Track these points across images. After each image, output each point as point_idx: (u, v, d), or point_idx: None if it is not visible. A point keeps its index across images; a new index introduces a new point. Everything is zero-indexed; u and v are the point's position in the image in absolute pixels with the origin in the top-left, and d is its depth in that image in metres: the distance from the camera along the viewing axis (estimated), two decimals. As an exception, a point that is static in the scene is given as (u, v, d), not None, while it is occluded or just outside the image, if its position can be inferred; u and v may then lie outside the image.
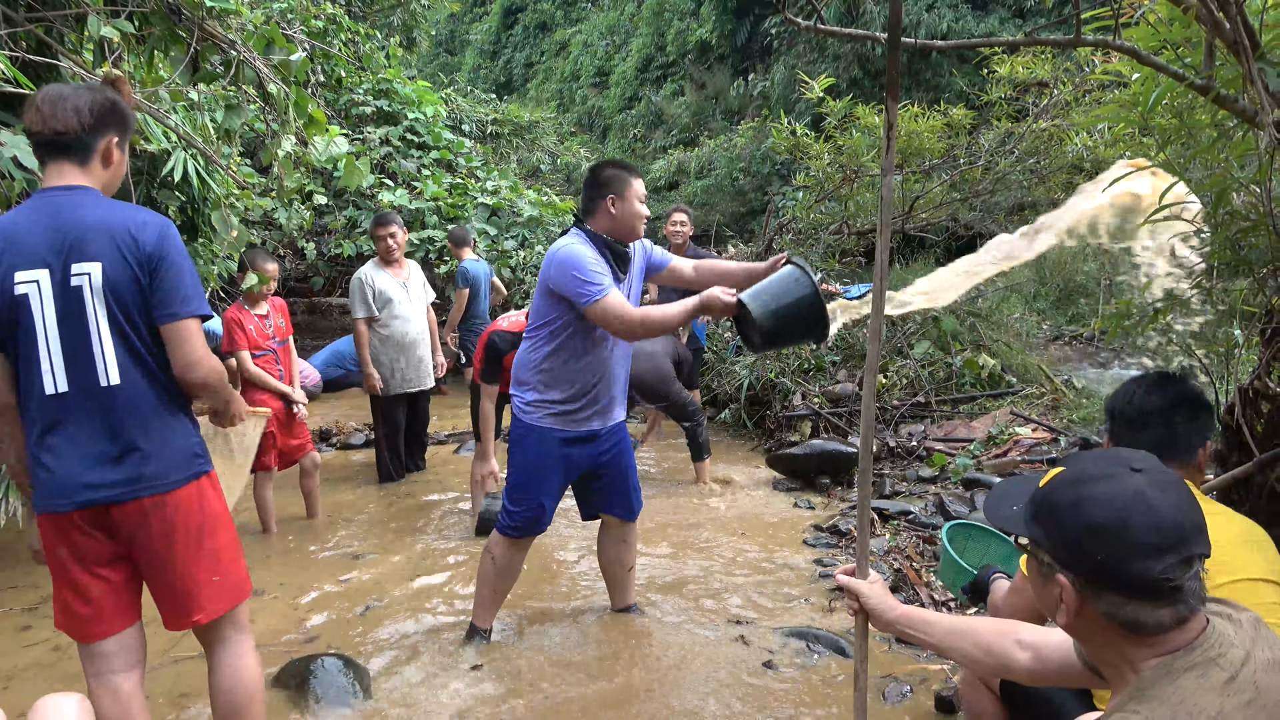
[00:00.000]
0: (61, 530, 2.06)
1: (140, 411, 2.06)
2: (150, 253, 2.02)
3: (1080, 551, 1.22)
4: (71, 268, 1.98)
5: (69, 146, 2.05)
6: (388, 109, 10.32)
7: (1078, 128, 6.24)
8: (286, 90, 3.73)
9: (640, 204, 3.03)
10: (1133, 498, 1.20)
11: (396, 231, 5.36)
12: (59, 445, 2.02)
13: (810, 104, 10.87)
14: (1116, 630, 1.22)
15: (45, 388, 2.00)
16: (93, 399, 2.02)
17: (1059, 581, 1.24)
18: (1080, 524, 1.22)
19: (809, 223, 7.81)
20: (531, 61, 27.55)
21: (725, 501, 5.14)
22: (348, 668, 3.01)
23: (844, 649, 3.22)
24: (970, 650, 1.63)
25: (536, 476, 3.11)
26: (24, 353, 2.00)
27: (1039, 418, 5.54)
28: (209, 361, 2.10)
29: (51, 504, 2.04)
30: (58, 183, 2.05)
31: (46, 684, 3.01)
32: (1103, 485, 1.23)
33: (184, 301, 2.05)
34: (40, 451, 2.04)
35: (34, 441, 2.05)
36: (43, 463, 2.03)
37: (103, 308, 2.00)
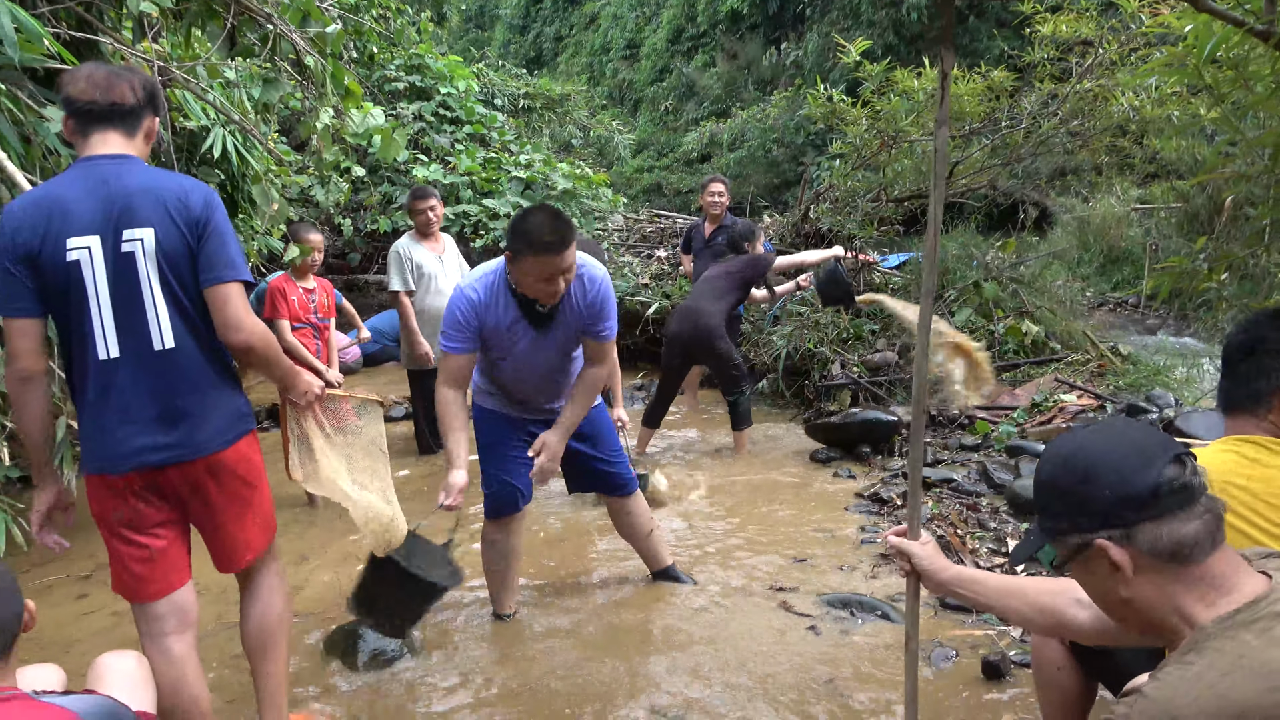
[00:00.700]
0: (116, 493, 2.10)
1: (192, 375, 2.09)
2: (198, 217, 2.06)
3: (1089, 502, 1.27)
4: (123, 234, 2.00)
5: (122, 117, 2.08)
6: (420, 84, 10.31)
7: (1123, 87, 6.07)
8: (323, 63, 3.73)
9: (535, 279, 2.71)
10: (1088, 440, 1.32)
11: (435, 205, 5.35)
12: (112, 409, 2.05)
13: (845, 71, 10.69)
14: (1169, 574, 1.23)
15: (98, 353, 2.03)
16: (146, 363, 2.05)
17: (1101, 549, 1.25)
18: (1072, 483, 1.29)
19: (846, 191, 7.70)
20: (561, 35, 27.38)
21: (764, 470, 5.12)
22: (394, 632, 3.05)
23: (888, 614, 3.20)
24: (1024, 610, 1.61)
25: (494, 455, 3.16)
26: (75, 319, 2.02)
27: (1084, 384, 5.45)
28: (251, 323, 2.11)
29: (106, 467, 2.07)
30: (103, 151, 2.07)
31: (105, 649, 3.09)
32: (1062, 449, 1.34)
33: (228, 265, 2.08)
34: (94, 416, 2.06)
35: (87, 406, 2.07)
36: (98, 426, 2.06)
37: (155, 273, 2.02)
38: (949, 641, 2.99)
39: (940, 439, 5.31)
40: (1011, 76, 6.61)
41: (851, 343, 6.59)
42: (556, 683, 2.81)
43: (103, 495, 2.11)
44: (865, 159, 7.32)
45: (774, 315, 7.24)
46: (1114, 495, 1.24)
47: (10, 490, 4.14)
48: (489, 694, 2.76)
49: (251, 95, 4.59)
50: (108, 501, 2.11)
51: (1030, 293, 6.72)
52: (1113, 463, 1.26)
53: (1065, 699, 2.06)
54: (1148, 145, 7.30)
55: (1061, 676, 2.06)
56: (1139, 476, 1.23)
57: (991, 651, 2.84)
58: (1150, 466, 1.23)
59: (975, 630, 3.08)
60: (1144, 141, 7.17)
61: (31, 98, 2.99)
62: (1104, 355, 5.94)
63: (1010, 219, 10.13)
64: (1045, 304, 6.69)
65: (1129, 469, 1.24)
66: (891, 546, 1.85)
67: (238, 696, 2.78)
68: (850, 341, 6.60)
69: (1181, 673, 1.16)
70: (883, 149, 6.99)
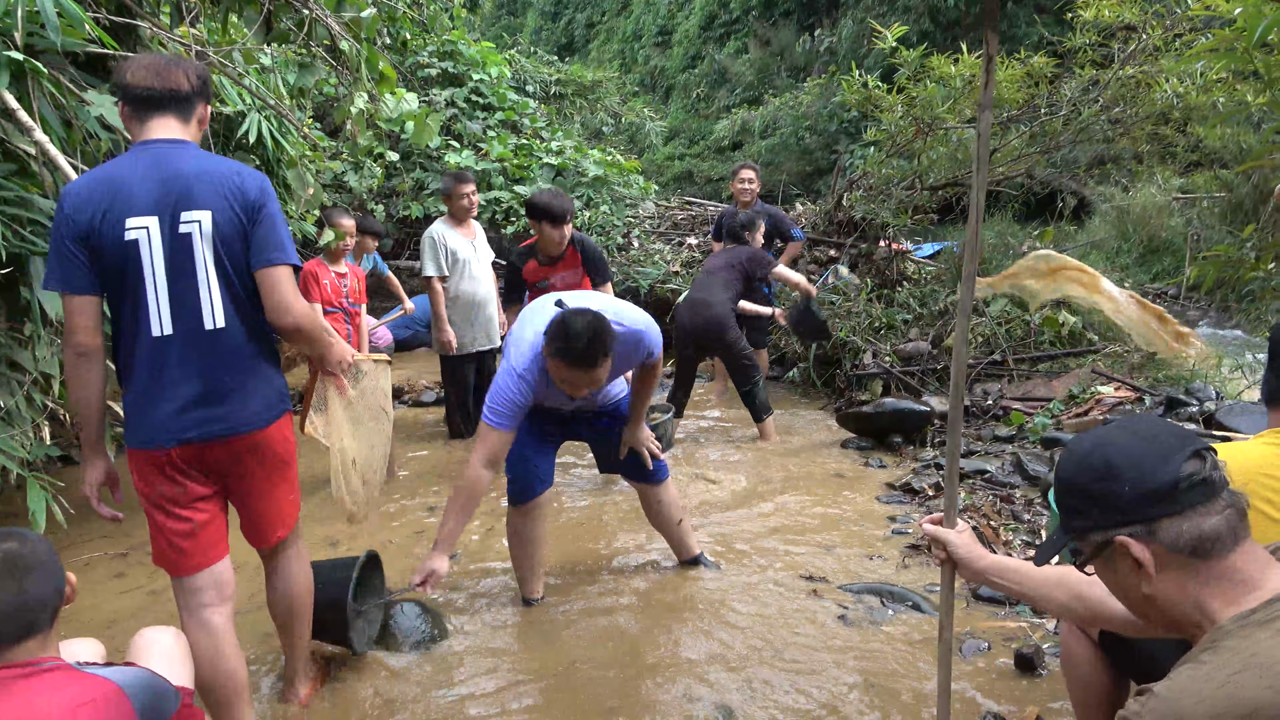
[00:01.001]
0: (159, 467, 2.14)
1: (240, 354, 2.15)
2: (253, 201, 2.13)
3: (1108, 499, 1.26)
4: (181, 215, 2.07)
5: (179, 103, 2.15)
6: (452, 71, 10.33)
7: (1168, 73, 5.94)
8: (358, 47, 3.74)
9: (564, 383, 2.77)
10: (1105, 438, 1.30)
11: (474, 190, 5.35)
12: (162, 385, 2.11)
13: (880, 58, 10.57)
14: (1191, 571, 1.21)
15: (151, 330, 2.08)
16: (197, 341, 2.11)
17: (1123, 546, 1.24)
18: (1090, 480, 1.28)
19: (880, 178, 7.61)
20: (593, 21, 27.33)
21: (794, 460, 5.10)
22: (425, 613, 3.08)
23: (919, 605, 3.18)
24: (1064, 600, 1.58)
25: (519, 438, 3.14)
26: (131, 297, 2.08)
27: (1123, 376, 5.35)
28: (299, 306, 2.18)
29: (152, 440, 2.12)
30: (160, 135, 2.13)
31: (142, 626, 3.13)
32: (1079, 448, 1.33)
33: (279, 249, 2.15)
34: (143, 391, 2.12)
35: (136, 382, 2.12)
36: (148, 401, 2.12)
37: (210, 254, 2.09)
38: (982, 633, 2.96)
39: (974, 430, 5.25)
40: (1051, 63, 6.49)
41: (884, 332, 6.53)
42: (584, 667, 2.82)
43: (147, 470, 2.16)
44: (900, 146, 7.23)
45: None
46: (1134, 491, 1.23)
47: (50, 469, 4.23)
48: (517, 678, 2.77)
49: (287, 80, 4.62)
50: (152, 476, 2.16)
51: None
52: (1132, 459, 1.25)
53: (1097, 695, 2.03)
54: (1191, 133, 7.15)
55: (1092, 673, 2.03)
56: (1158, 472, 1.22)
57: (1025, 644, 2.81)
58: (1169, 461, 1.22)
59: (1008, 622, 3.04)
60: (1187, 129, 7.02)
61: (73, 82, 3.02)
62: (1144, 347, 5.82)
63: (1048, 208, 9.98)
64: (1083, 294, 6.57)
65: (1148, 464, 1.24)
66: (927, 535, 1.82)
67: (271, 670, 2.82)
68: (883, 331, 6.53)
69: (1193, 672, 1.14)
70: (918, 136, 6.89)
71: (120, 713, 1.52)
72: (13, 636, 1.52)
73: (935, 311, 6.61)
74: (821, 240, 8.13)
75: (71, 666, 1.57)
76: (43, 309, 2.73)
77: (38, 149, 2.77)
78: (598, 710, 2.59)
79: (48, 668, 1.53)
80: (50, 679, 1.52)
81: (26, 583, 1.53)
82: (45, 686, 1.50)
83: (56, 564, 1.60)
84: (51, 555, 1.60)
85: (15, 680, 1.49)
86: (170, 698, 1.64)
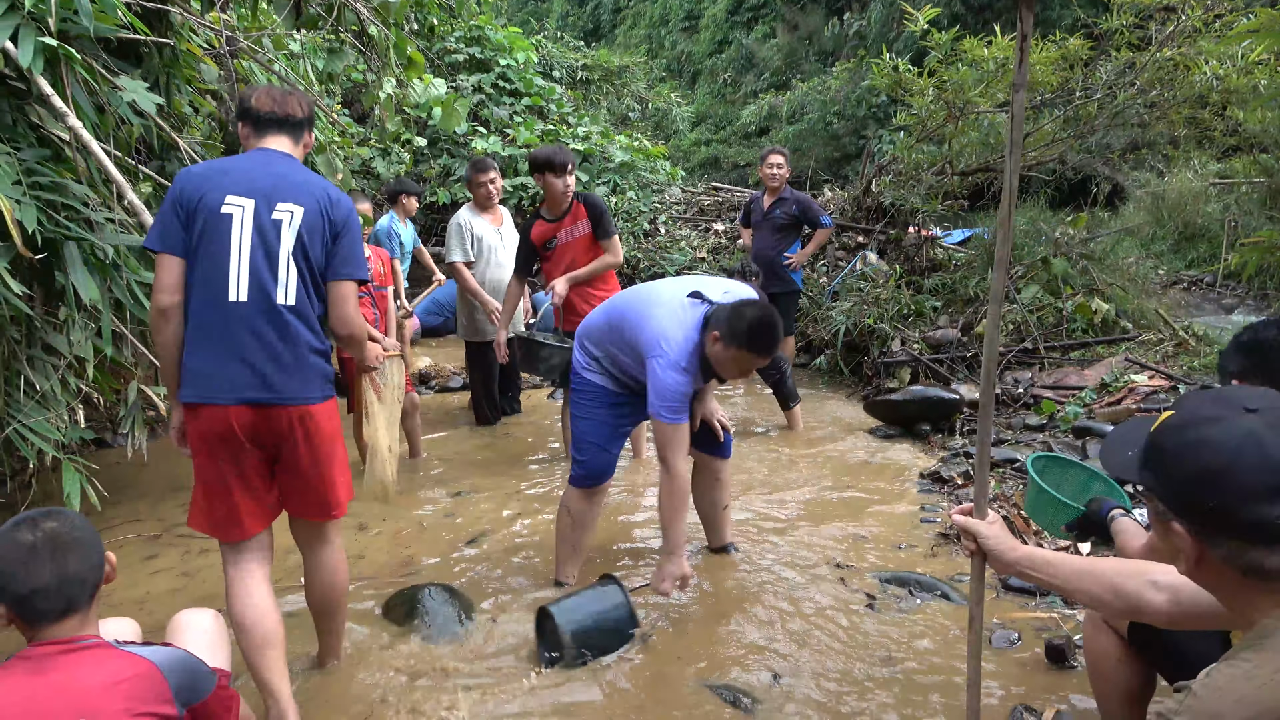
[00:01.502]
0: (213, 424, 2.27)
1: (301, 334, 2.34)
2: (342, 217, 2.42)
3: (1190, 499, 1.15)
4: (277, 204, 2.32)
5: (291, 126, 2.48)
6: (480, 56, 10.33)
7: (1208, 55, 5.81)
8: (386, 33, 3.74)
9: (740, 372, 2.97)
10: (1243, 439, 1.11)
11: (495, 177, 5.31)
12: (230, 346, 2.28)
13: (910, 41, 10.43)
14: (1239, 578, 1.14)
15: (229, 294, 2.26)
16: (266, 312, 2.29)
17: (1175, 530, 1.17)
18: (1187, 470, 1.15)
19: (910, 163, 7.52)
20: (620, 6, 27.19)
21: (822, 447, 5.07)
22: (452, 597, 3.10)
23: (947, 594, 3.15)
24: (1099, 592, 1.56)
25: (598, 430, 3.19)
26: (214, 261, 2.27)
27: (1157, 365, 5.27)
28: (357, 321, 2.48)
29: (214, 397, 2.26)
30: (275, 147, 2.45)
31: (176, 607, 3.19)
32: (1212, 428, 1.15)
33: (355, 264, 2.43)
34: (211, 348, 2.28)
35: (206, 340, 2.28)
36: (214, 356, 2.27)
37: (294, 241, 2.32)
38: (1011, 624, 2.93)
39: (1004, 419, 5.19)
40: (1087, 45, 6.37)
41: (912, 319, 6.47)
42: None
43: (203, 426, 2.29)
44: (930, 131, 7.14)
45: (833, 290, 7.14)
46: (1217, 507, 1.12)
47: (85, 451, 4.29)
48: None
49: (316, 66, 4.63)
50: (210, 441, 2.30)
51: (1101, 270, 6.50)
52: (1236, 478, 1.10)
53: (1122, 691, 2.01)
54: (1230, 117, 6.99)
55: (1118, 668, 2.01)
56: (1254, 506, 1.09)
57: (1055, 635, 2.78)
58: (1272, 502, 1.08)
59: (1039, 613, 3.01)
60: (1226, 113, 6.86)
61: (105, 67, 3.05)
62: (1179, 335, 5.73)
63: (1081, 193, 9.82)
64: (1116, 281, 6.47)
65: (1248, 493, 1.10)
66: (957, 525, 1.80)
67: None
68: (911, 318, 6.48)
69: (1233, 670, 1.11)
70: (949, 121, 6.80)
71: (156, 691, 1.54)
72: (54, 614, 1.55)
73: (964, 298, 6.54)
74: (850, 226, 8.06)
75: (110, 644, 1.60)
76: (77, 294, 2.77)
77: (71, 134, 2.80)
78: (621, 696, 2.59)
79: (88, 645, 1.56)
80: (89, 655, 1.54)
81: (67, 561, 1.57)
82: (85, 662, 1.52)
83: (97, 543, 1.64)
84: (92, 534, 1.64)
85: (56, 655, 1.52)
86: (206, 678, 1.67)
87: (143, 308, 3.00)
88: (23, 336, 2.88)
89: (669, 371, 2.87)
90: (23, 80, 2.77)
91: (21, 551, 1.54)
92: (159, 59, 3.41)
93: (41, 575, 1.54)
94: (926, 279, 6.90)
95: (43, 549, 1.55)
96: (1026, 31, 1.63)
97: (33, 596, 1.54)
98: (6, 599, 1.55)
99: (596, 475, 3.21)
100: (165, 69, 3.46)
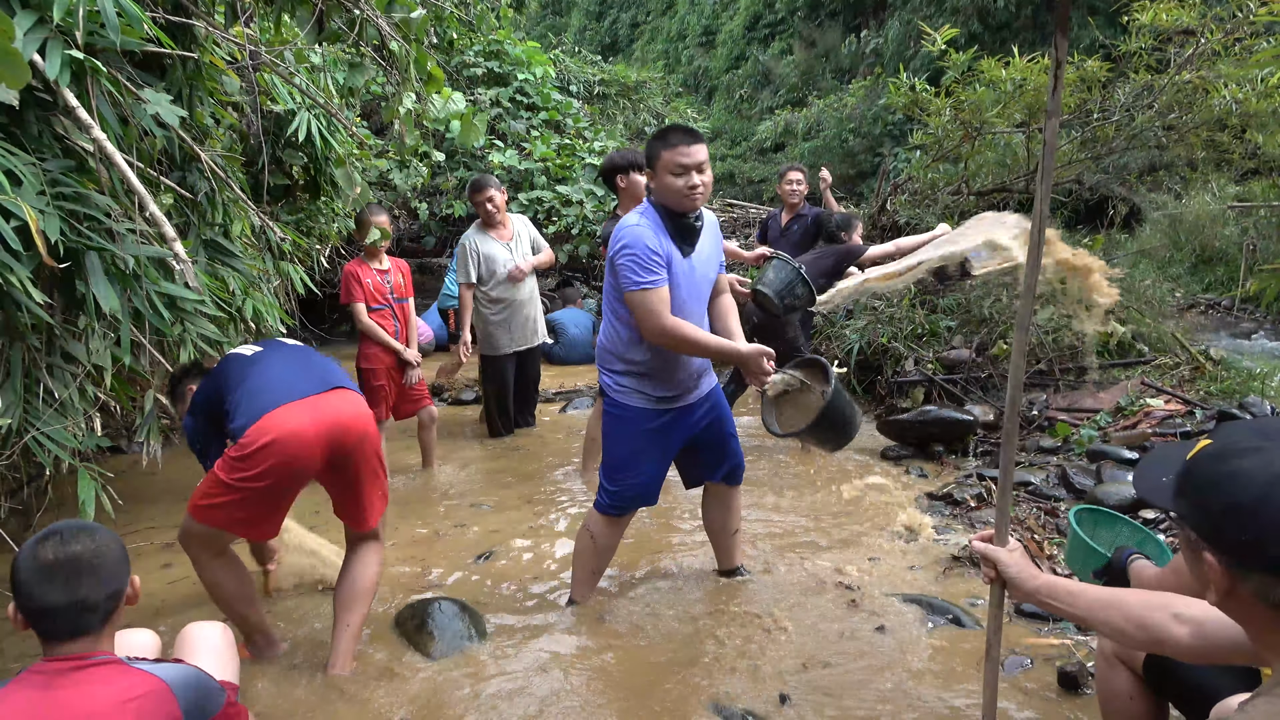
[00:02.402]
0: (305, 430, 2.53)
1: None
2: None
3: (1222, 531, 1.14)
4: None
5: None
6: (498, 70, 10.40)
7: (1227, 79, 5.80)
8: (407, 48, 3.77)
9: (673, 176, 2.83)
10: (1267, 466, 1.11)
11: (494, 195, 5.31)
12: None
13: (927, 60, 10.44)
14: (1268, 612, 1.13)
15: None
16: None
17: (1206, 560, 1.16)
18: (1221, 502, 1.14)
19: (926, 183, 7.52)
20: (637, 21, 27.32)
21: (834, 467, 5.05)
22: (464, 612, 3.10)
23: (959, 618, 3.13)
24: (1120, 623, 1.54)
25: (635, 457, 3.08)
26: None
27: (1173, 389, 5.23)
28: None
29: (309, 390, 2.64)
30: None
31: (191, 615, 3.20)
32: (1248, 460, 1.13)
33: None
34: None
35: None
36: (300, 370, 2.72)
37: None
38: (1024, 649, 2.91)
39: (1019, 440, 5.15)
40: (1105, 66, 6.37)
41: (926, 339, 6.44)
42: (620, 673, 2.81)
43: (288, 435, 2.51)
44: (946, 151, 7.14)
45: (847, 308, 7.12)
46: (1249, 540, 1.11)
47: (101, 459, 4.32)
48: (552, 683, 2.77)
49: (336, 79, 4.67)
50: (290, 444, 2.51)
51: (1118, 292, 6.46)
52: (1270, 512, 1.09)
53: None
54: (1249, 140, 6.96)
55: (1131, 705, 1.98)
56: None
57: (1069, 662, 2.75)
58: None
59: (1052, 639, 2.98)
60: (1245, 136, 6.84)
61: (130, 80, 3.08)
62: (1196, 359, 5.69)
63: (1098, 215, 9.77)
64: (1133, 304, 6.43)
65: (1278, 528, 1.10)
66: (977, 553, 1.79)
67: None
68: (925, 337, 6.45)
69: (1269, 707, 1.09)
70: (966, 140, 6.80)
71: (166, 710, 1.54)
72: (63, 634, 1.56)
73: (979, 319, 6.51)
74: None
75: (122, 661, 1.60)
76: (98, 303, 2.79)
77: (95, 146, 2.83)
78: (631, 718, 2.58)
79: (100, 662, 1.56)
80: (100, 673, 1.54)
81: (80, 586, 1.55)
82: (95, 680, 1.53)
83: (119, 568, 1.63)
84: (117, 558, 1.63)
85: (66, 673, 1.53)
86: (215, 695, 1.67)
87: (161, 318, 3.02)
88: (43, 345, 2.90)
89: (628, 225, 2.87)
90: (49, 92, 2.80)
91: (39, 568, 1.54)
92: (182, 71, 3.44)
93: (53, 596, 1.53)
94: (941, 298, 6.87)
95: (60, 570, 1.54)
96: (1062, 59, 1.60)
97: (43, 615, 1.54)
98: (21, 608, 1.56)
99: (625, 504, 3.13)
100: (188, 81, 3.50)
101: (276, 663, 2.87)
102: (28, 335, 2.78)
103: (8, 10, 2.54)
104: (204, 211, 3.74)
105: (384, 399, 4.77)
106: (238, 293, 3.87)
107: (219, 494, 2.53)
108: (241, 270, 3.88)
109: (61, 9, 2.58)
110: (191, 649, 1.98)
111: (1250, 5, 5.32)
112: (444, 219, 9.48)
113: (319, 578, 3.47)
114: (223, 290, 3.71)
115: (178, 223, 3.57)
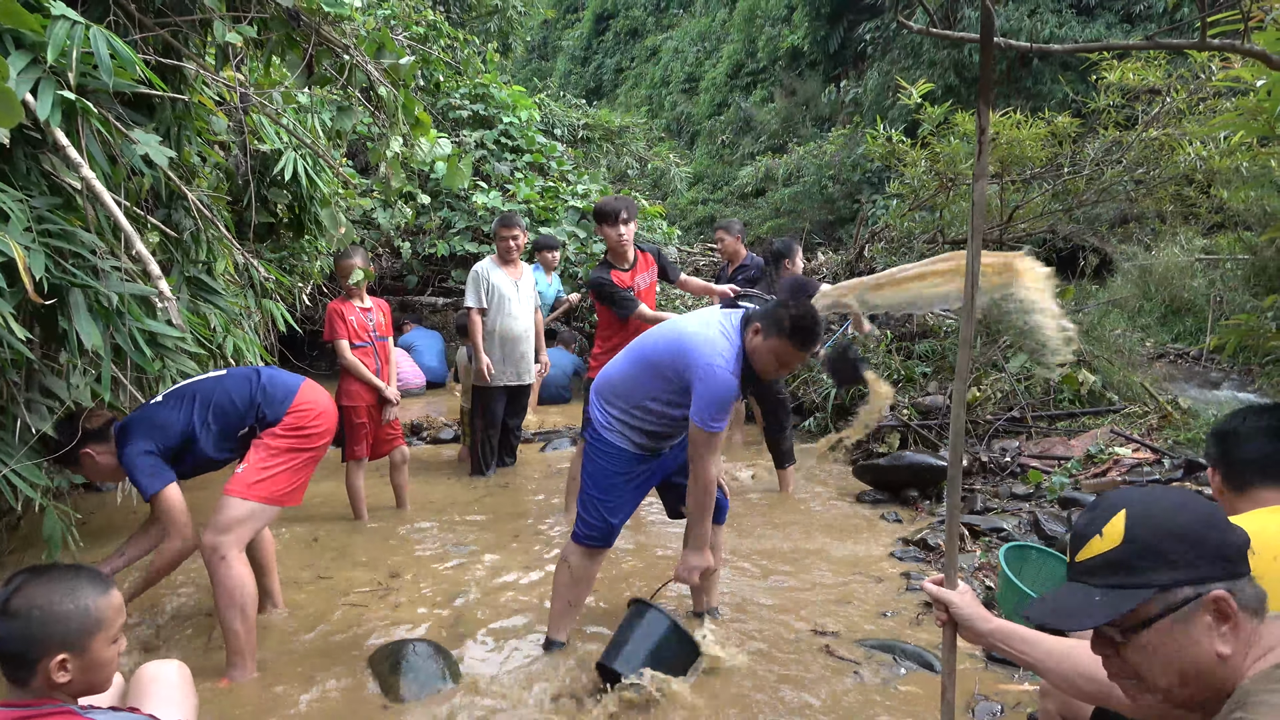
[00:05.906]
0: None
1: None
2: None
3: (1224, 547, 1.25)
4: None
5: None
6: (483, 113, 10.54)
7: (1191, 137, 5.99)
8: (395, 93, 3.85)
9: (780, 365, 2.97)
10: (1175, 492, 1.33)
11: (519, 234, 5.61)
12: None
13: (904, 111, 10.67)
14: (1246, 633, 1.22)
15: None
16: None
17: (1219, 601, 1.22)
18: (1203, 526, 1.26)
19: (902, 231, 7.67)
20: (622, 67, 27.76)
21: (809, 511, 5.09)
22: (437, 654, 3.09)
23: (932, 664, 3.15)
24: (1072, 676, 1.58)
25: (611, 492, 3.12)
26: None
27: (1141, 437, 5.32)
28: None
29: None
30: None
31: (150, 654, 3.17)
32: (1169, 498, 1.31)
33: None
34: None
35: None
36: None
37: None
38: (996, 695, 2.93)
39: (991, 486, 5.22)
40: (1075, 122, 6.56)
41: (903, 385, 6.53)
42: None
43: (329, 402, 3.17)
44: (922, 200, 7.30)
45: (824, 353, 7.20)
46: (1233, 544, 1.25)
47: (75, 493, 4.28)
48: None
49: (324, 120, 4.74)
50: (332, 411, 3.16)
51: (1088, 341, 6.60)
52: (1215, 517, 1.27)
53: None
54: (1214, 194, 7.16)
55: None
56: (1234, 533, 1.25)
57: (1039, 709, 2.77)
58: (1231, 526, 1.26)
59: (1025, 685, 3.01)
60: (1210, 191, 7.04)
61: (120, 120, 3.12)
62: (1165, 408, 5.80)
63: (1070, 265, 9.96)
64: (1103, 353, 6.57)
65: (1226, 525, 1.26)
66: (929, 595, 1.83)
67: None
68: (901, 384, 6.54)
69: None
70: (941, 190, 6.97)
71: None
72: (10, 679, 1.56)
73: (954, 365, 6.61)
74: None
75: (74, 710, 1.58)
76: (80, 339, 2.80)
77: (84, 184, 2.86)
78: (605, 759, 2.58)
79: (48, 711, 1.54)
80: None
81: (9, 631, 1.54)
82: None
83: (61, 625, 1.57)
84: (65, 614, 1.57)
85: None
86: None
87: (143, 354, 3.03)
88: (22, 380, 2.91)
89: (723, 374, 2.87)
90: (39, 130, 2.83)
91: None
92: (171, 111, 3.49)
93: (2, 643, 1.53)
94: (917, 344, 6.98)
95: (3, 616, 1.54)
96: (985, 125, 1.71)
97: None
98: None
99: (601, 538, 3.16)
100: (177, 120, 3.55)
101: (250, 687, 2.85)
102: (7, 370, 2.79)
103: (1, 51, 2.59)
104: (188, 249, 3.77)
105: (364, 437, 4.78)
106: (219, 330, 3.89)
107: (276, 466, 3.01)
108: (224, 307, 3.90)
109: (56, 50, 2.62)
110: (147, 690, 1.93)
111: (1212, 68, 5.52)
112: (426, 258, 9.54)
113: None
114: (204, 327, 3.73)
115: (162, 260, 3.60)
